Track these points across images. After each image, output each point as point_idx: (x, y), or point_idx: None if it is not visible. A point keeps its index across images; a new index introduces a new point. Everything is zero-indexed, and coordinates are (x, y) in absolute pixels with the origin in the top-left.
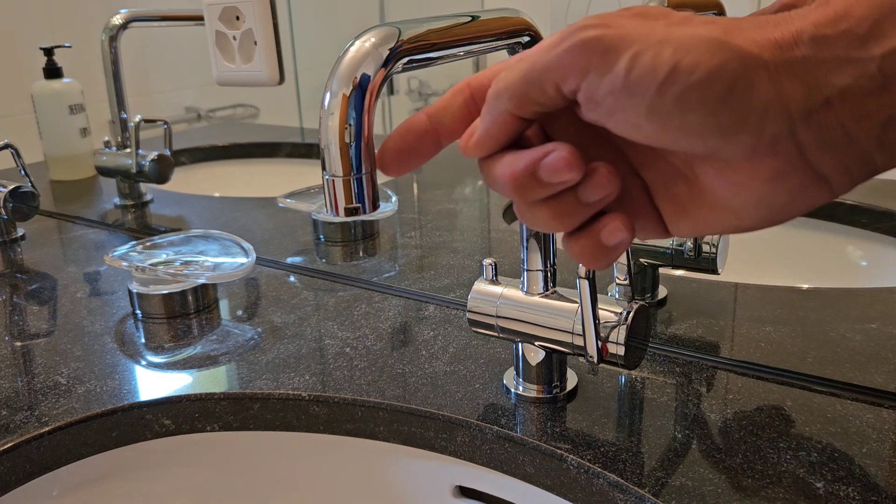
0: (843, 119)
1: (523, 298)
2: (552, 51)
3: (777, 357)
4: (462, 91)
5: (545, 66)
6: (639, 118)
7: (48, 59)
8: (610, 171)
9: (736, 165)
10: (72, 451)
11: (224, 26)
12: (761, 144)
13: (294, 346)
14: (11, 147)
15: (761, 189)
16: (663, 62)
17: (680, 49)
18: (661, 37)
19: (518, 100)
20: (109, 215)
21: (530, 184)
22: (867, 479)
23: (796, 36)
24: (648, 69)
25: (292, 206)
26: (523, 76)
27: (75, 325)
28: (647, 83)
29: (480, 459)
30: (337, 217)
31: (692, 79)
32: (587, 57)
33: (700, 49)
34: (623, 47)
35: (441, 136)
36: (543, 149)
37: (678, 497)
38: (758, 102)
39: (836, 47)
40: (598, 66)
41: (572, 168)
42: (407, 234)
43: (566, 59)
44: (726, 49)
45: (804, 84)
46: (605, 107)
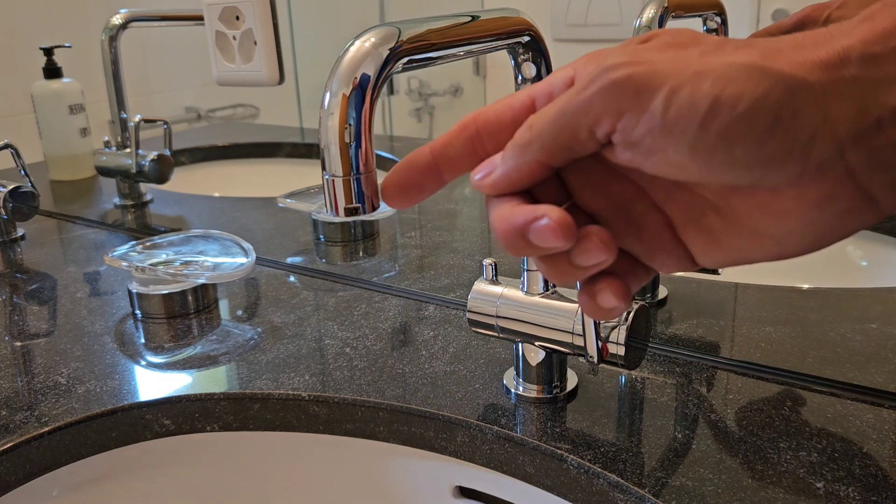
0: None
1: (523, 298)
2: (582, 94)
3: (777, 357)
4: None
5: (576, 111)
6: (680, 157)
7: (48, 59)
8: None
9: (780, 193)
10: (71, 451)
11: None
12: (809, 170)
13: (294, 346)
14: (11, 147)
15: (807, 215)
16: (703, 96)
17: (719, 80)
18: (696, 68)
19: (549, 149)
20: (109, 215)
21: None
22: (867, 480)
23: (843, 55)
24: (687, 105)
25: (292, 206)
26: (554, 122)
27: (75, 325)
28: (688, 120)
29: (480, 460)
30: (337, 217)
31: (736, 111)
32: (620, 98)
33: (741, 78)
34: (657, 84)
35: (444, 173)
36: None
37: (678, 497)
38: (805, 129)
39: (886, 65)
40: (633, 106)
41: (559, 237)
42: (407, 234)
43: (598, 102)
44: (768, 75)
45: (854, 105)
46: (643, 147)
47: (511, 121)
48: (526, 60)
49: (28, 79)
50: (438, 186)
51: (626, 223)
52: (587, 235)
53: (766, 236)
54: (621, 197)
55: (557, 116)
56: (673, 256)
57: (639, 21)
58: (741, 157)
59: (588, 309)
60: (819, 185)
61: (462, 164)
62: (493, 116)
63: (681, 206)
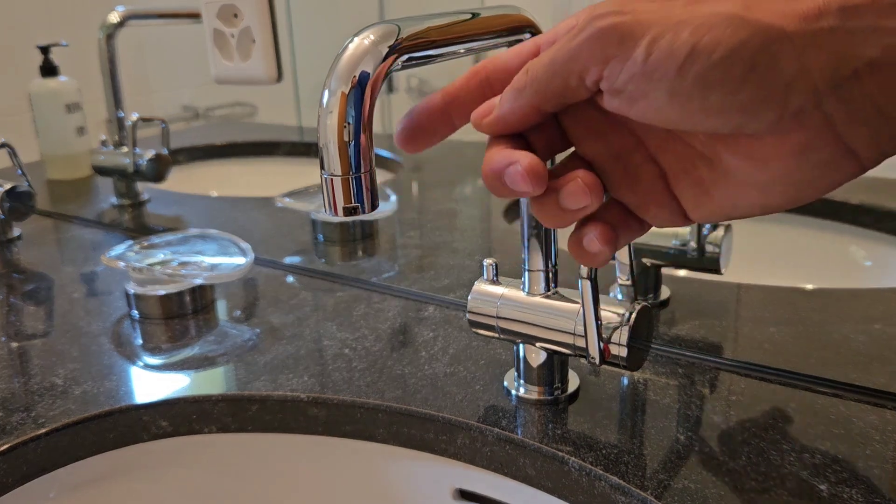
0: (871, 91)
1: (524, 299)
2: (572, 41)
3: (780, 358)
4: (478, 73)
5: (566, 57)
6: (660, 102)
7: (45, 58)
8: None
9: (762, 140)
10: (69, 452)
11: (222, 24)
12: (786, 118)
13: (292, 347)
14: (8, 146)
15: (788, 164)
16: (682, 43)
17: (699, 29)
18: (679, 18)
19: (542, 94)
20: (106, 215)
21: (497, 184)
22: (871, 481)
23: (823, 6)
24: (667, 52)
25: (291, 205)
26: (547, 68)
27: (72, 325)
28: (667, 66)
29: (481, 462)
30: (336, 217)
31: (713, 58)
32: (605, 45)
33: (720, 27)
34: (640, 32)
35: (455, 117)
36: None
37: (681, 500)
38: (781, 77)
39: (865, 17)
40: (617, 53)
41: (527, 181)
42: (407, 233)
43: (585, 49)
44: (747, 24)
45: (831, 56)
46: (627, 94)
47: (518, 67)
48: None
49: (25, 77)
50: (450, 131)
51: (623, 173)
52: (573, 179)
53: (751, 185)
54: (618, 146)
55: (550, 63)
56: (666, 209)
57: None
58: (717, 102)
59: (575, 252)
60: (798, 134)
61: (472, 108)
62: (501, 63)
63: (674, 157)
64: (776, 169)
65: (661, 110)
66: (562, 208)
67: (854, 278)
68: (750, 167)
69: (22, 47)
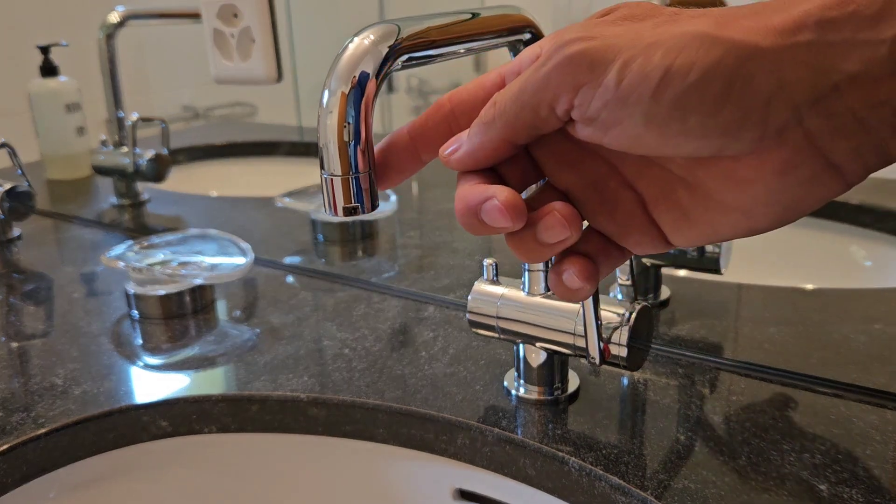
0: (853, 105)
1: (524, 299)
2: (540, 70)
3: (780, 358)
4: (442, 107)
5: (535, 87)
6: (636, 128)
7: (45, 58)
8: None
9: (742, 161)
10: (68, 452)
11: (222, 24)
12: (767, 136)
13: (292, 347)
14: (8, 146)
15: (771, 183)
16: (654, 66)
17: (671, 50)
18: (649, 39)
19: (512, 127)
20: (106, 215)
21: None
22: (871, 481)
23: (799, 20)
24: (640, 76)
25: (290, 205)
26: (515, 99)
27: (72, 325)
28: (641, 90)
29: (481, 462)
30: (335, 217)
31: (688, 80)
32: (575, 72)
33: (692, 47)
34: (610, 56)
35: (422, 153)
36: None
37: (681, 500)
38: (759, 94)
39: (843, 30)
40: (588, 80)
41: (506, 217)
42: (406, 233)
43: (555, 78)
44: (720, 43)
45: (810, 70)
46: (600, 121)
47: (483, 99)
48: None
49: (24, 77)
50: (418, 167)
51: (599, 202)
52: (550, 212)
53: (733, 209)
54: (593, 174)
55: (518, 93)
56: (646, 236)
57: None
58: (696, 126)
59: (555, 289)
60: (780, 152)
61: (439, 143)
62: (466, 95)
63: (651, 183)
64: (758, 190)
65: (637, 137)
66: (539, 242)
67: (854, 278)
68: (731, 189)
69: (22, 47)
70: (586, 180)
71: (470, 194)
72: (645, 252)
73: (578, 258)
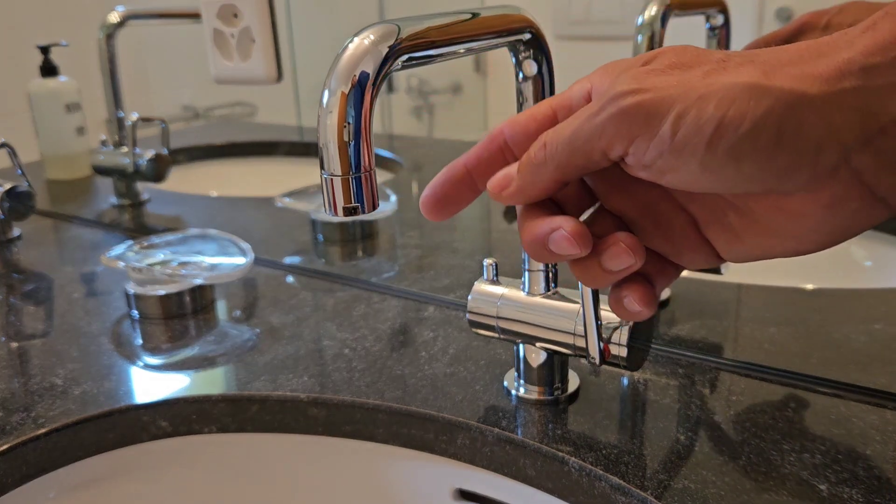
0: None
1: (524, 299)
2: (594, 119)
3: (781, 358)
4: (496, 139)
5: (589, 136)
6: (692, 176)
7: (44, 58)
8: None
9: (793, 197)
10: (68, 453)
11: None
12: (818, 177)
13: (292, 347)
14: (8, 146)
15: (821, 215)
16: (708, 119)
17: (723, 102)
18: (701, 91)
19: (563, 169)
20: (106, 215)
21: (543, 252)
22: (871, 481)
23: (844, 67)
24: (694, 128)
25: (290, 205)
26: (567, 144)
27: (72, 325)
28: (696, 142)
29: (481, 462)
30: (335, 217)
31: (740, 131)
32: (630, 125)
33: (743, 98)
34: (665, 109)
35: (479, 183)
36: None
37: (681, 500)
38: (810, 140)
39: (887, 75)
40: (643, 132)
41: (574, 246)
42: (406, 233)
43: (610, 129)
44: (769, 93)
45: (857, 115)
46: (656, 168)
47: (536, 131)
48: (527, 58)
49: (24, 77)
50: (475, 196)
51: (653, 224)
52: (615, 242)
53: (783, 234)
54: (645, 198)
55: (571, 139)
56: (700, 253)
57: (641, 19)
58: (750, 171)
59: (616, 311)
60: (830, 189)
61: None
62: (519, 129)
63: (703, 207)
64: (808, 221)
65: (692, 181)
66: (604, 270)
67: (854, 278)
68: (781, 219)
69: (22, 47)
70: (639, 204)
71: (536, 226)
72: (699, 267)
73: (638, 284)
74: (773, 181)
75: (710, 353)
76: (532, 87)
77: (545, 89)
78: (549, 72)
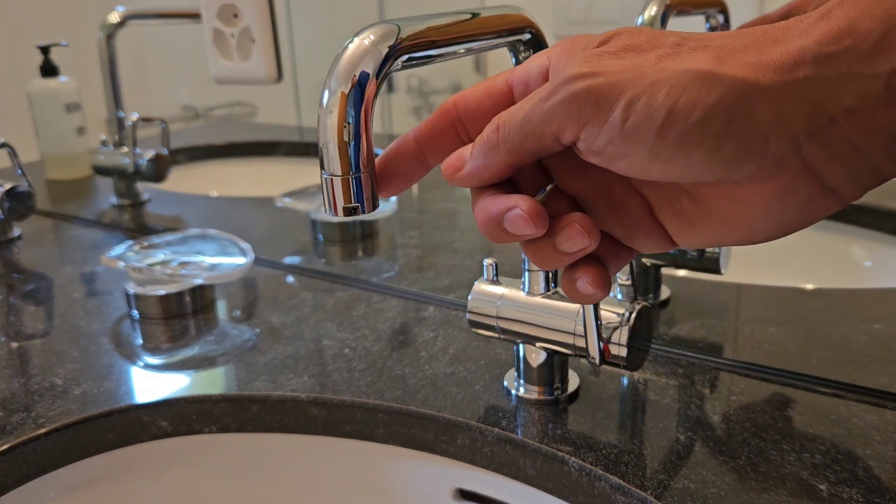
0: (849, 134)
1: (524, 299)
2: (545, 103)
3: (780, 358)
4: (448, 113)
5: (540, 119)
6: (641, 162)
7: (45, 58)
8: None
9: (742, 185)
10: (68, 452)
11: (222, 24)
12: (766, 166)
13: (292, 347)
14: (8, 146)
15: (770, 204)
16: (658, 106)
17: (674, 89)
18: (652, 77)
19: (515, 153)
20: (106, 215)
21: (497, 231)
22: (871, 481)
23: (798, 56)
24: (644, 116)
25: (290, 205)
26: (520, 128)
27: (72, 325)
28: (645, 129)
29: (481, 462)
30: (335, 217)
31: (690, 120)
32: (580, 110)
33: (694, 86)
34: (615, 95)
35: (429, 158)
36: (508, 201)
37: (681, 499)
38: (759, 129)
39: (840, 65)
40: (593, 117)
41: (530, 225)
42: (407, 233)
43: (560, 112)
44: (720, 82)
45: (807, 104)
46: (606, 154)
47: (490, 107)
48: (527, 58)
49: (24, 77)
50: (425, 172)
51: (607, 205)
52: (570, 223)
53: (735, 222)
54: (600, 180)
55: (523, 123)
56: (653, 237)
57: (641, 19)
58: (699, 160)
59: (568, 293)
60: (778, 179)
61: (446, 148)
62: (473, 102)
63: (656, 191)
64: (758, 209)
65: (642, 169)
66: (558, 251)
67: (854, 278)
68: (732, 207)
69: (22, 47)
70: (594, 185)
71: (491, 204)
72: (652, 251)
73: (591, 266)
74: (721, 170)
75: (709, 353)
76: None
77: None
78: None
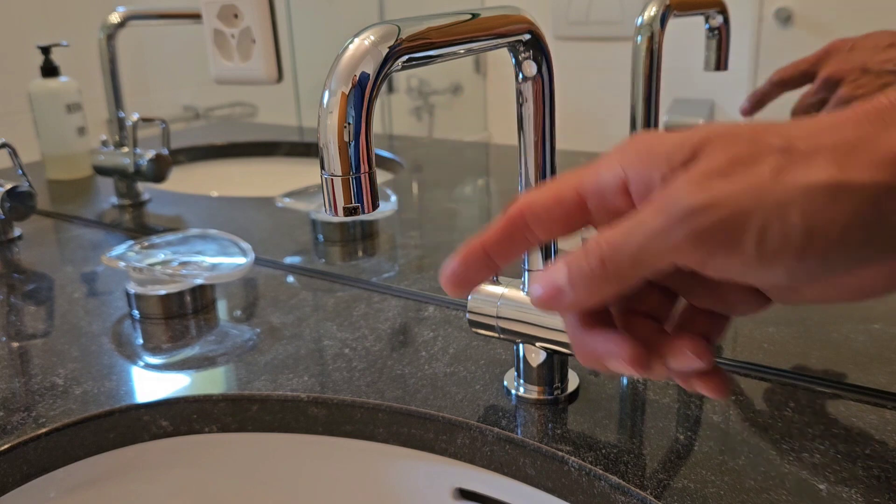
0: None
1: (524, 299)
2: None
3: (780, 358)
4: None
5: (660, 253)
6: (777, 279)
7: (45, 58)
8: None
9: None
10: (69, 452)
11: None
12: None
13: (293, 346)
14: (8, 146)
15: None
16: (794, 230)
17: (807, 210)
18: (777, 196)
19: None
20: (107, 215)
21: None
22: (870, 481)
23: None
24: (780, 242)
25: (291, 205)
26: (633, 262)
27: (72, 325)
28: (784, 254)
29: (481, 461)
30: (336, 217)
31: (831, 238)
32: (710, 244)
33: (826, 202)
34: (743, 222)
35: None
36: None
37: (680, 499)
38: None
39: None
40: (724, 249)
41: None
42: (407, 233)
43: (685, 248)
44: (851, 192)
45: None
46: (738, 276)
47: (561, 216)
48: (527, 59)
49: (25, 77)
50: (495, 272)
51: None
52: (681, 351)
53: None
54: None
55: (638, 255)
56: (752, 305)
57: (640, 19)
58: (840, 268)
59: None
60: None
61: (514, 253)
62: (542, 211)
63: None
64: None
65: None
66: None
67: None
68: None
69: (22, 47)
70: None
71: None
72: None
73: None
74: (856, 267)
75: None
76: (532, 87)
77: (545, 90)
78: (549, 72)
